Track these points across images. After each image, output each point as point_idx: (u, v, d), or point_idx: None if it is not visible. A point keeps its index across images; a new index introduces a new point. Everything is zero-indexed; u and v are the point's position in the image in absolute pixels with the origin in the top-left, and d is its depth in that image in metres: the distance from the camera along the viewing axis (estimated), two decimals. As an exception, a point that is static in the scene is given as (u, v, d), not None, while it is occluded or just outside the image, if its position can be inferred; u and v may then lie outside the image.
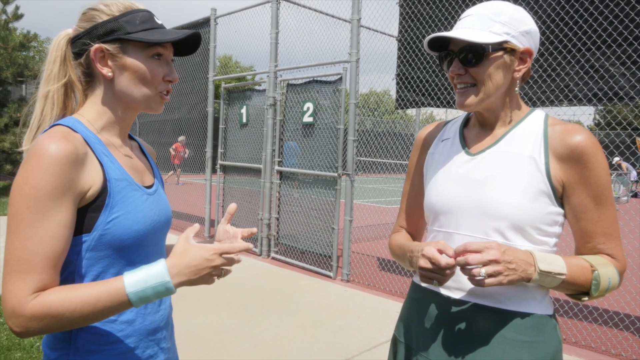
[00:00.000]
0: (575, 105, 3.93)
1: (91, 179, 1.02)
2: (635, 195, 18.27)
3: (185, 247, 1.01)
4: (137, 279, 0.96)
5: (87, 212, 1.02)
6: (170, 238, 7.14)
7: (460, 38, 1.13)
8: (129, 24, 1.09)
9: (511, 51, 1.16)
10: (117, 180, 1.07)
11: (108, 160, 1.07)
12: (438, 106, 4.87)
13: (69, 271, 1.04)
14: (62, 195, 0.96)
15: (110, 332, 1.07)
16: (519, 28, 1.16)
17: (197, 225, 1.08)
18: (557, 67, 3.95)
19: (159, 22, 1.15)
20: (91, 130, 1.09)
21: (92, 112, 1.13)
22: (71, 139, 1.00)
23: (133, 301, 0.96)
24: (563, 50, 3.90)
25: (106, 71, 1.10)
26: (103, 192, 1.04)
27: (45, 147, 0.96)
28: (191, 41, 1.19)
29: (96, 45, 1.09)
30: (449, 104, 4.79)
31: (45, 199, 0.95)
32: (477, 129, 1.30)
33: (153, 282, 0.97)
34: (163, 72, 1.14)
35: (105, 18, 1.09)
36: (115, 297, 0.95)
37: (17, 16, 6.80)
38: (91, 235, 1.02)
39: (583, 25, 3.76)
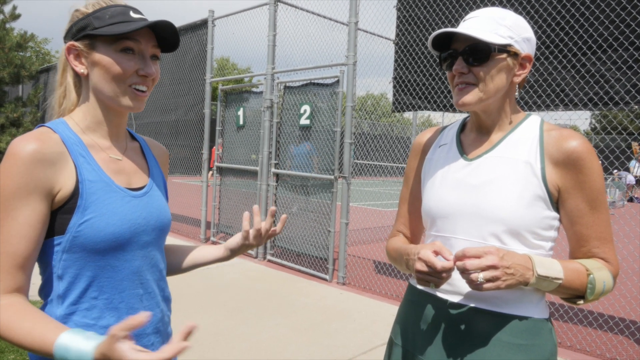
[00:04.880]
0: (570, 109, 3.94)
1: (62, 180, 1.02)
2: (631, 200, 18.35)
3: (115, 348, 0.84)
4: (67, 344, 0.89)
5: (60, 214, 1.02)
6: (169, 240, 7.12)
7: (470, 35, 1.14)
8: (97, 20, 1.08)
9: (514, 55, 1.18)
10: (92, 182, 1.05)
11: (84, 161, 1.06)
12: (435, 109, 4.88)
13: (48, 273, 1.04)
14: (28, 195, 0.97)
15: None
16: (522, 34, 1.18)
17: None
18: (552, 72, 3.97)
19: (136, 16, 1.10)
20: (75, 130, 1.09)
21: (79, 112, 1.13)
22: (44, 139, 1.01)
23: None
24: (559, 54, 3.92)
25: (79, 68, 1.10)
26: (75, 193, 1.03)
27: (15, 147, 0.98)
28: (169, 33, 1.13)
29: (68, 44, 1.09)
30: (445, 108, 4.81)
31: (10, 198, 0.96)
32: (474, 134, 1.31)
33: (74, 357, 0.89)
34: (135, 66, 1.09)
35: (80, 17, 1.10)
36: (44, 349, 0.91)
37: (15, 16, 6.78)
38: (64, 237, 1.02)
39: (579, 30, 3.78)
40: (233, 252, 1.36)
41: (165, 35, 1.14)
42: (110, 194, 1.07)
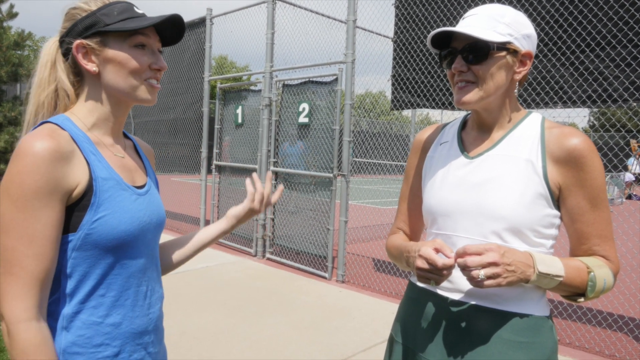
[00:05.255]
0: (569, 107, 3.94)
1: (77, 177, 1.01)
2: (629, 197, 18.37)
3: None
4: None
5: (74, 211, 1.01)
6: (165, 238, 7.12)
7: (468, 33, 1.14)
8: (106, 16, 1.07)
9: (513, 52, 1.17)
10: (104, 180, 1.05)
11: (95, 158, 1.06)
12: (433, 107, 4.88)
13: (56, 271, 1.02)
14: (49, 194, 0.95)
15: (95, 334, 1.04)
16: (521, 31, 1.18)
17: None
18: (551, 69, 3.97)
19: (140, 11, 1.12)
20: (81, 128, 1.08)
21: (82, 109, 1.12)
22: (56, 136, 0.99)
23: None
24: (557, 52, 3.92)
25: (91, 66, 1.09)
26: (89, 191, 1.02)
27: (30, 145, 0.95)
28: (175, 28, 1.16)
29: (76, 42, 1.08)
30: (444, 105, 4.81)
31: (32, 198, 0.94)
32: (475, 132, 1.31)
33: None
34: (149, 61, 1.11)
35: (83, 14, 1.09)
36: None
37: (12, 15, 6.76)
38: (77, 234, 1.01)
39: (577, 27, 3.78)
40: (239, 221, 1.40)
41: (164, 29, 1.15)
42: (120, 192, 1.07)
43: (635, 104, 3.59)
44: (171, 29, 1.16)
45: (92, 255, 1.03)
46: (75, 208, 1.01)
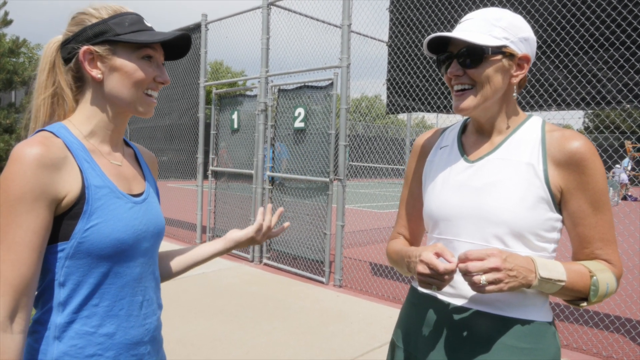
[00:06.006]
0: (564, 109, 3.97)
1: (68, 185, 1.00)
2: (624, 198, 18.46)
3: None
4: None
5: (65, 220, 1.00)
6: (162, 244, 7.11)
7: (462, 38, 1.14)
8: (118, 26, 1.09)
9: (510, 56, 1.17)
10: (97, 188, 1.04)
11: (89, 166, 1.05)
12: (429, 111, 4.90)
13: (49, 280, 1.01)
14: (34, 201, 0.95)
15: (88, 344, 1.03)
16: (518, 34, 1.18)
17: None
18: (545, 72, 3.99)
19: (149, 24, 1.14)
20: (76, 135, 1.08)
21: (80, 117, 1.12)
22: (48, 143, 0.99)
23: None
24: (551, 54, 3.94)
25: (95, 73, 1.09)
26: (81, 199, 1.02)
27: (19, 152, 0.96)
28: (181, 43, 1.18)
29: (85, 47, 1.08)
30: (439, 109, 4.82)
31: (15, 203, 0.94)
32: (475, 136, 1.30)
33: None
34: (154, 73, 1.13)
35: (94, 21, 1.09)
36: None
37: (7, 22, 6.74)
38: (69, 243, 1.00)
39: (570, 30, 3.81)
40: (237, 245, 1.41)
41: (169, 45, 1.18)
42: (114, 200, 1.07)
43: (628, 105, 3.61)
44: (176, 46, 1.18)
45: (85, 264, 1.02)
46: (66, 216, 1.01)
